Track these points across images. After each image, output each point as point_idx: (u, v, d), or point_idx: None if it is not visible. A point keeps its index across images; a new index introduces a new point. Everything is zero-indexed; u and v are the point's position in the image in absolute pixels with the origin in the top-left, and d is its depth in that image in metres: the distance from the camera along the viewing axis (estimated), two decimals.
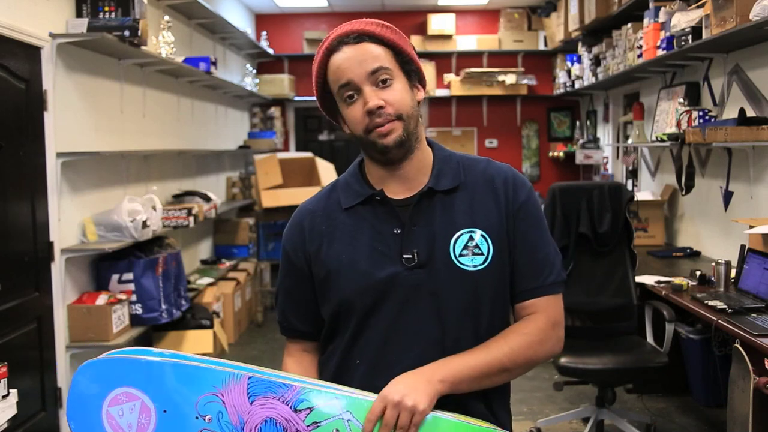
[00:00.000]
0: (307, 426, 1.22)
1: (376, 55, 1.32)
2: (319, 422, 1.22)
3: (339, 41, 1.34)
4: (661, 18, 4.14)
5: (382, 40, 1.34)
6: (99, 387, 1.25)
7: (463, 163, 1.43)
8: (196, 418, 1.23)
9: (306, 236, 1.42)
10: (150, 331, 4.31)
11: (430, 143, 1.45)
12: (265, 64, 8.18)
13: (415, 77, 1.39)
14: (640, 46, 4.46)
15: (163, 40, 4.63)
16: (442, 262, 1.33)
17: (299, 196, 5.75)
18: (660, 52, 4.12)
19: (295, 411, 1.23)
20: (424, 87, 1.42)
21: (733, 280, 3.26)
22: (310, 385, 1.25)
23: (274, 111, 8.19)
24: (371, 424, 1.21)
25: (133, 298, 3.90)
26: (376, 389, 1.30)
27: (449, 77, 7.89)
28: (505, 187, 1.39)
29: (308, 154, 6.63)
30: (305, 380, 1.28)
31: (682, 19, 3.73)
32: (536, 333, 1.36)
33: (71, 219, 3.74)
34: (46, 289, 3.53)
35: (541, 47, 7.81)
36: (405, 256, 1.33)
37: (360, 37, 1.33)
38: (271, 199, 5.94)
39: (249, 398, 1.23)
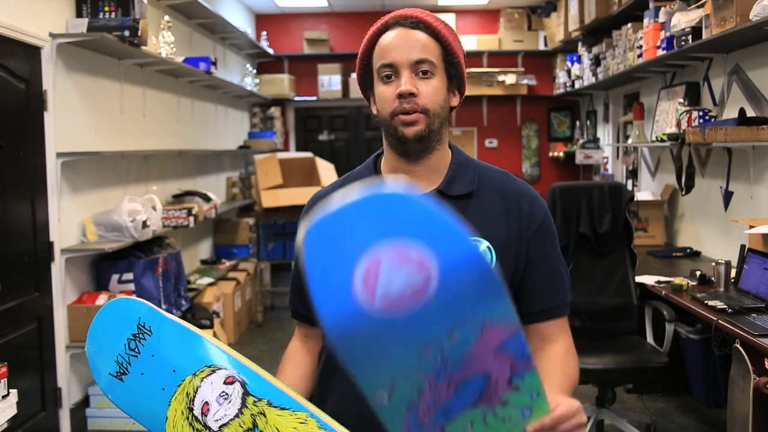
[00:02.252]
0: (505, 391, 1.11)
1: (425, 46, 1.32)
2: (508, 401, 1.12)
3: (396, 21, 1.34)
4: (661, 18, 4.14)
5: (436, 33, 1.34)
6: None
7: (480, 171, 1.42)
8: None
9: None
10: None
11: (451, 147, 1.44)
12: (265, 64, 8.19)
13: (455, 82, 1.38)
14: (640, 46, 4.46)
15: (163, 40, 4.63)
16: None
17: (299, 196, 5.75)
18: (660, 52, 4.12)
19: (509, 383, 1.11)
20: (461, 95, 1.41)
21: (733, 280, 3.26)
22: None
23: (274, 111, 8.19)
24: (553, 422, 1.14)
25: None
26: None
27: None
28: (521, 206, 1.38)
29: (308, 154, 6.64)
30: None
31: (682, 19, 3.73)
32: (575, 366, 1.38)
33: (71, 219, 3.74)
34: (46, 289, 3.53)
35: (541, 47, 7.81)
36: None
37: (416, 23, 1.33)
38: (271, 199, 5.94)
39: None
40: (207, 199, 5.25)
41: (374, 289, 1.00)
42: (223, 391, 1.21)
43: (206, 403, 1.21)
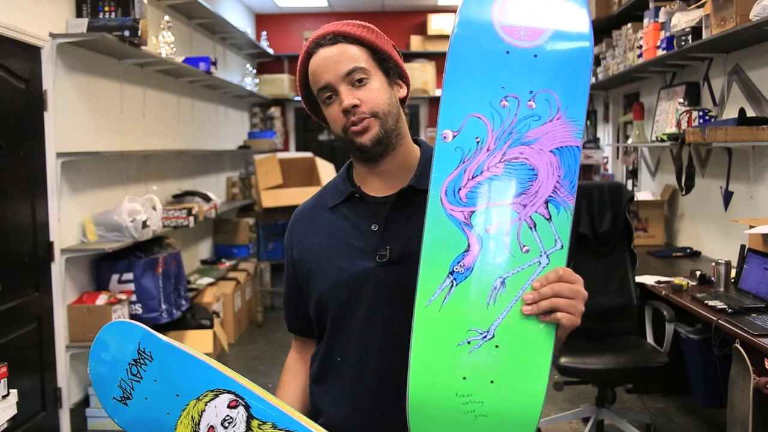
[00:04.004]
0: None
1: (351, 55, 1.33)
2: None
3: (316, 44, 1.35)
4: (661, 18, 4.14)
5: (357, 39, 1.34)
6: None
7: None
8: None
9: (294, 237, 1.46)
10: None
11: (418, 142, 1.45)
12: (265, 64, 8.18)
13: (394, 74, 1.38)
14: (640, 46, 4.45)
15: (163, 40, 4.63)
16: (418, 260, 1.31)
17: (299, 196, 5.75)
18: (660, 52, 4.12)
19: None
20: (407, 83, 1.41)
21: (733, 280, 3.26)
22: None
23: (274, 111, 8.19)
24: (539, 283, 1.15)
25: (133, 298, 3.90)
26: (361, 386, 1.33)
27: None
28: None
29: (308, 154, 6.64)
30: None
31: (682, 19, 3.73)
32: None
33: (71, 219, 3.74)
34: (46, 289, 3.53)
35: None
36: (379, 252, 1.34)
37: (335, 38, 1.34)
38: (271, 199, 5.94)
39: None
40: (207, 199, 5.25)
41: (504, 13, 1.16)
42: (227, 415, 1.22)
43: (211, 427, 1.22)
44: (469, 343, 1.12)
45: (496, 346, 1.12)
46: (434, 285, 1.14)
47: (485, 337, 1.13)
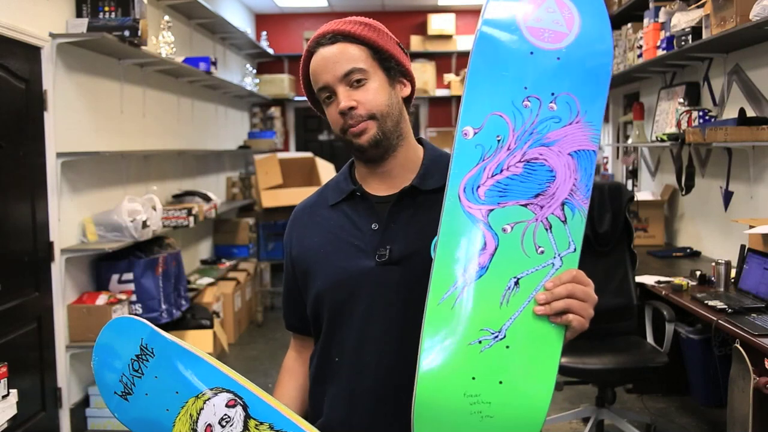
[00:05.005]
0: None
1: (350, 55, 1.31)
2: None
3: (316, 43, 1.34)
4: (661, 18, 4.14)
5: (357, 38, 1.32)
6: None
7: None
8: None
9: (294, 235, 1.45)
10: None
11: (422, 142, 1.43)
12: (265, 64, 8.19)
13: (396, 73, 1.36)
14: (640, 46, 4.45)
15: (163, 40, 4.63)
16: (420, 262, 1.28)
17: (299, 196, 5.74)
18: (660, 52, 4.12)
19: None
20: (411, 82, 1.39)
21: (733, 280, 3.26)
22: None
23: (274, 111, 8.20)
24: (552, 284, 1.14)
25: (133, 298, 3.90)
26: (358, 387, 1.33)
27: (449, 77, 7.88)
28: None
29: (308, 154, 6.64)
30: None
31: (682, 19, 3.73)
32: None
33: (71, 219, 3.74)
34: (46, 289, 3.53)
35: None
36: (379, 252, 1.32)
37: (334, 37, 1.32)
38: (271, 199, 5.95)
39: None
40: (207, 199, 5.25)
41: (529, 14, 1.16)
42: (225, 414, 1.22)
43: (209, 425, 1.22)
44: (480, 342, 1.11)
45: (507, 347, 1.11)
46: (448, 283, 1.13)
47: (497, 337, 1.12)
